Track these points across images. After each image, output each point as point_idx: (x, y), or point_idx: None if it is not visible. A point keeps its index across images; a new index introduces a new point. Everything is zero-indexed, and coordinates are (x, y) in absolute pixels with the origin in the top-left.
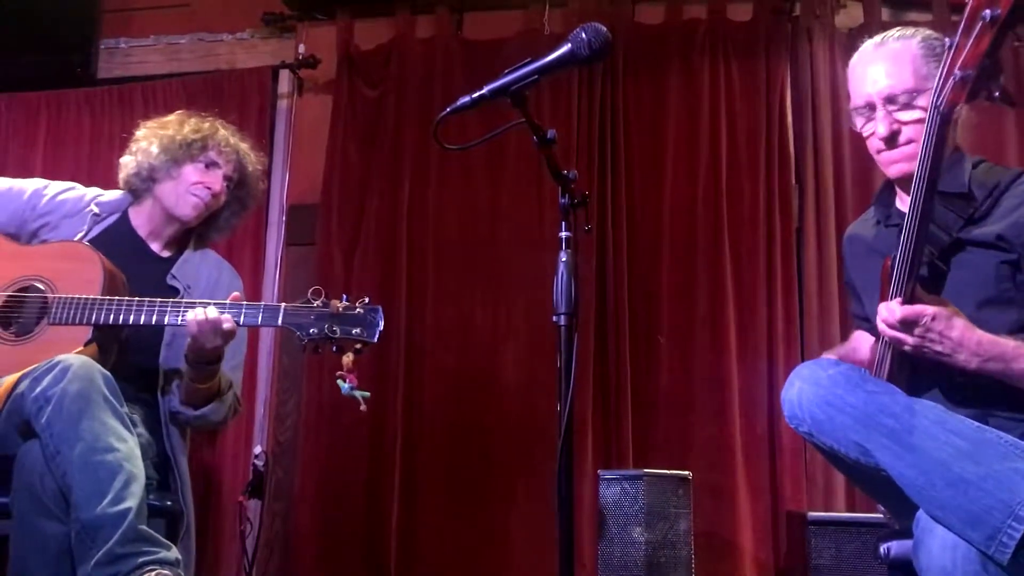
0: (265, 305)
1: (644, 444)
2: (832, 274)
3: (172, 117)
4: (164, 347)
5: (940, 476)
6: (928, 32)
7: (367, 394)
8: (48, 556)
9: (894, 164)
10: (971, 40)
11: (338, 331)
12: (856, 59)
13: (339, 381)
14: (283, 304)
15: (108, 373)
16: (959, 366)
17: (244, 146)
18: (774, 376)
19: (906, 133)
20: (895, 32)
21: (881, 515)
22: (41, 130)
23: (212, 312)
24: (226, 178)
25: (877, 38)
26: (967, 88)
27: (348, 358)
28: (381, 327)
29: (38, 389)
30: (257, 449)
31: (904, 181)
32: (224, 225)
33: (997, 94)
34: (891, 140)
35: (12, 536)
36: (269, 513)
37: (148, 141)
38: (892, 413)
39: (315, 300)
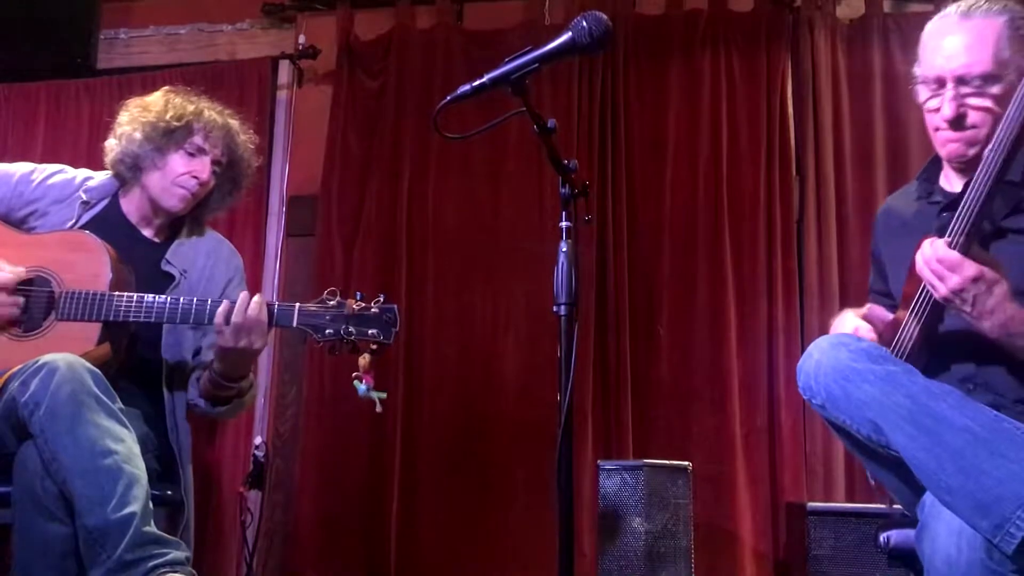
0: (280, 305)
1: (644, 434)
2: (833, 265)
3: (155, 97)
4: (165, 335)
5: (952, 461)
6: (1019, 9)
7: (384, 395)
8: (52, 558)
9: (951, 144)
10: None
11: (354, 332)
12: (935, 26)
13: (355, 382)
14: (297, 304)
15: (97, 370)
16: (981, 331)
17: (233, 123)
18: (774, 367)
19: (972, 117)
20: (983, 4)
21: (881, 505)
22: (41, 121)
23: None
24: (214, 162)
25: (963, 6)
26: None
27: (364, 359)
28: (397, 327)
29: (27, 393)
30: (257, 440)
31: (956, 162)
32: (216, 206)
33: None
34: (956, 122)
35: (15, 538)
36: (269, 504)
37: (132, 126)
38: (910, 394)
39: (330, 300)
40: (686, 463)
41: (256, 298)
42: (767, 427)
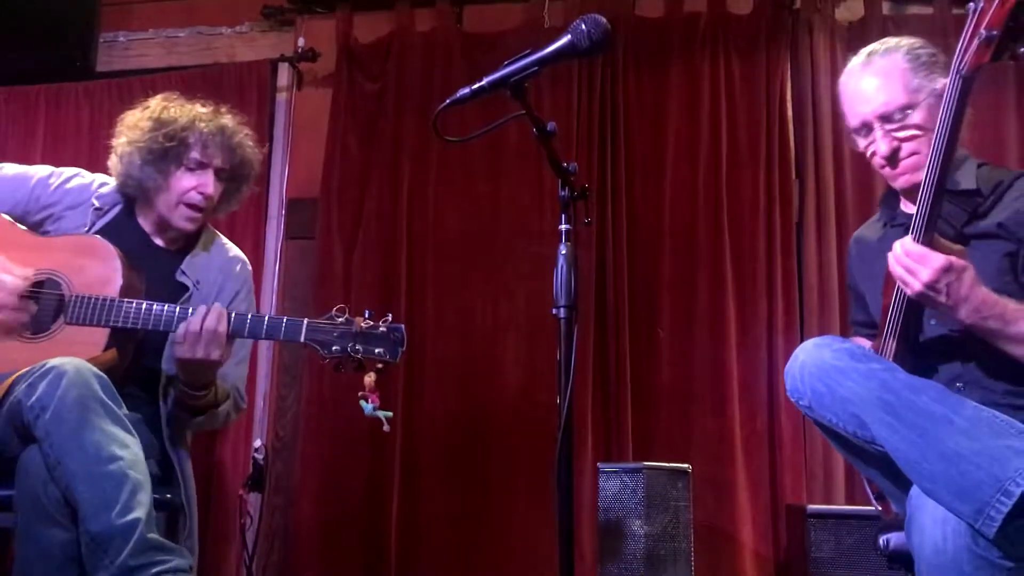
0: (288, 319)
1: (644, 437)
2: (832, 268)
3: (146, 114)
4: (168, 346)
5: (933, 449)
6: (911, 41)
7: (390, 414)
8: (53, 563)
9: (900, 177)
10: (996, 2)
11: (361, 350)
12: (845, 79)
13: (361, 402)
14: (306, 320)
15: (104, 376)
16: (957, 319)
17: (227, 124)
18: (774, 369)
19: (906, 148)
20: (879, 47)
21: (875, 509)
22: (40, 123)
23: (211, 321)
24: (217, 171)
25: (862, 55)
26: (992, 48)
27: (370, 378)
28: (404, 347)
29: (34, 397)
30: (257, 443)
31: (911, 190)
32: (226, 206)
33: (1022, 50)
34: (893, 158)
35: (17, 542)
36: (269, 507)
37: (129, 148)
38: (892, 389)
39: (338, 317)
40: (686, 466)
41: (216, 307)
42: (767, 429)
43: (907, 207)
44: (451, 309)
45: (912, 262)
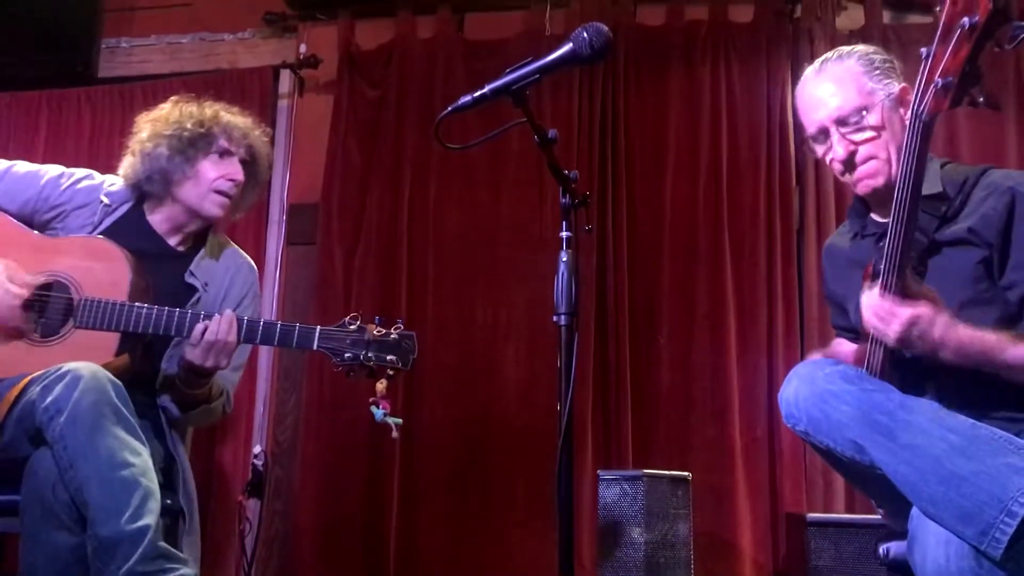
0: (300, 326)
1: (644, 444)
2: None
3: (168, 109)
4: (171, 347)
5: (933, 472)
6: (864, 47)
7: (400, 421)
8: (59, 567)
9: (859, 183)
10: (949, 48)
11: (373, 357)
12: (800, 88)
13: (372, 408)
14: (319, 327)
15: (119, 382)
16: (942, 362)
17: (248, 121)
18: (774, 377)
19: (863, 152)
20: (832, 54)
21: (880, 516)
22: (42, 129)
23: (223, 331)
24: (242, 162)
25: (816, 64)
26: (949, 95)
27: (382, 384)
28: (415, 354)
29: (49, 399)
30: (257, 448)
31: (873, 196)
32: (243, 206)
33: (981, 99)
34: (850, 162)
35: (22, 545)
36: (268, 512)
37: (153, 142)
38: (887, 411)
39: (351, 324)
40: (686, 473)
41: (228, 316)
42: (767, 437)
43: (876, 216)
44: (451, 315)
45: (884, 314)
